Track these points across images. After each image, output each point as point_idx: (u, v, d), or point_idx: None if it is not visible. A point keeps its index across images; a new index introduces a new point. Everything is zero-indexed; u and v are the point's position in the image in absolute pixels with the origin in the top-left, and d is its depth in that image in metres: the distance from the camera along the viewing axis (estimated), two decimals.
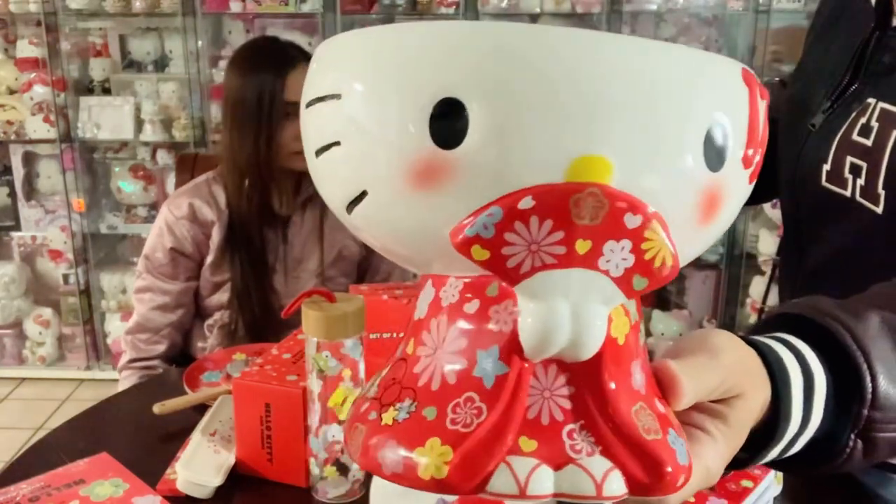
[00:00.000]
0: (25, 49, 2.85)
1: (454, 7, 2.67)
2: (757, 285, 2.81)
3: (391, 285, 1.16)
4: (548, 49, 0.34)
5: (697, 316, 2.96)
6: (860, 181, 0.83)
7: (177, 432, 1.03)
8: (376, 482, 0.86)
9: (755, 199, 1.17)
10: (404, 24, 0.37)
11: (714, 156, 0.37)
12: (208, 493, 0.91)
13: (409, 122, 0.35)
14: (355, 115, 0.38)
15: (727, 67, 0.38)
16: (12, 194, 3.02)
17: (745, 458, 0.52)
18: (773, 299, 1.13)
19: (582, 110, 0.34)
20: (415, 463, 0.37)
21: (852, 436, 0.53)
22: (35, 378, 3.04)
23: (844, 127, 0.86)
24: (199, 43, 2.77)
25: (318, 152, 0.40)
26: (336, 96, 0.38)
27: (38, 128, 2.84)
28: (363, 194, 0.38)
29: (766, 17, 2.63)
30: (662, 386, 0.43)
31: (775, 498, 0.89)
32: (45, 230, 3.00)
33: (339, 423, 0.89)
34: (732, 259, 2.87)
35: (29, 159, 3.00)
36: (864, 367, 0.52)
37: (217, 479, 0.92)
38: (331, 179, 0.41)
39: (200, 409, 1.08)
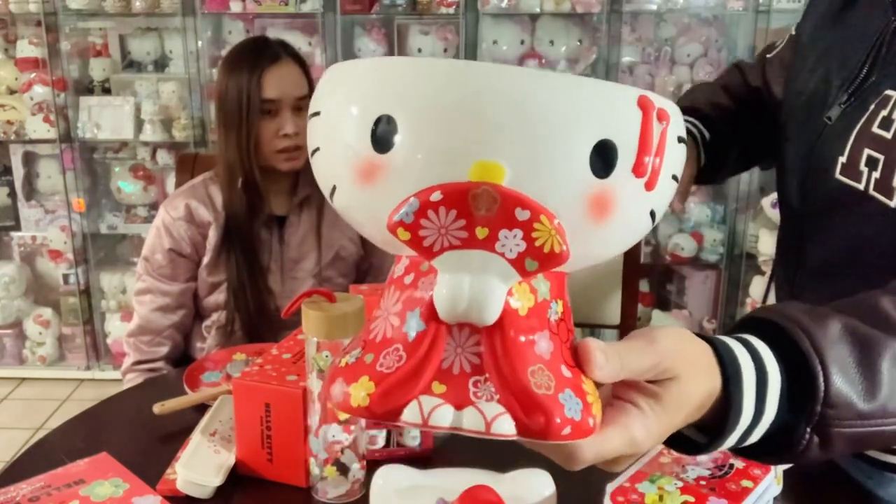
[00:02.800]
0: (25, 49, 2.85)
1: (454, 7, 2.67)
2: (757, 285, 2.81)
3: None
4: (456, 80, 0.44)
5: (697, 316, 2.96)
6: (875, 174, 0.83)
7: (177, 432, 1.03)
8: (376, 482, 0.86)
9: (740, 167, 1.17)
10: (362, 60, 0.49)
11: (601, 166, 0.45)
12: (208, 493, 0.91)
13: (356, 132, 0.46)
14: (326, 128, 0.49)
15: (621, 94, 0.46)
16: (12, 194, 3.02)
17: (704, 444, 0.58)
18: (773, 299, 1.13)
19: (480, 127, 0.44)
20: (349, 395, 0.47)
21: (807, 430, 0.58)
22: (35, 378, 3.04)
23: (863, 119, 0.85)
24: (199, 43, 2.77)
25: (311, 155, 0.52)
26: (318, 114, 0.50)
27: (38, 128, 2.84)
28: (334, 188, 0.50)
29: (766, 17, 2.63)
30: (580, 358, 0.50)
31: (775, 498, 0.89)
32: (45, 230, 3.00)
33: (339, 423, 0.89)
34: (732, 259, 2.87)
35: (29, 159, 3.00)
36: (818, 366, 0.57)
37: (217, 479, 0.92)
38: (318, 177, 0.52)
39: (200, 409, 1.08)
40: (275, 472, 0.95)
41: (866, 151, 0.84)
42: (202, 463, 0.93)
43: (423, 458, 0.99)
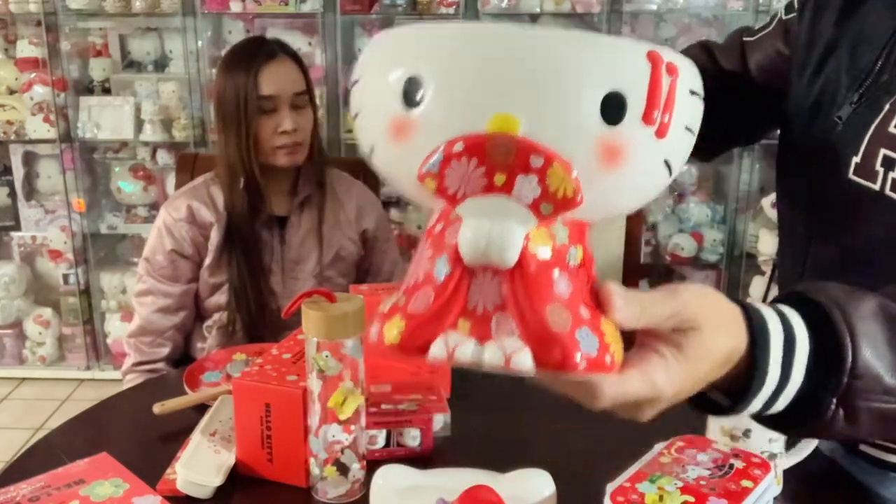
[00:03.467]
0: (25, 49, 2.84)
1: (454, 7, 2.67)
2: (757, 285, 2.81)
3: (391, 285, 1.16)
4: (474, 41, 0.49)
5: None
6: (893, 174, 0.82)
7: (177, 432, 1.03)
8: (376, 482, 0.86)
9: (738, 139, 1.17)
10: (396, 28, 0.52)
11: (612, 114, 0.48)
12: (208, 493, 0.91)
13: (389, 93, 0.50)
14: (364, 93, 0.54)
15: (630, 49, 0.50)
16: (12, 194, 3.02)
17: (728, 406, 0.60)
18: None
19: (496, 83, 0.48)
20: (383, 334, 0.51)
21: (833, 401, 0.59)
22: (35, 378, 3.04)
23: (879, 119, 0.84)
24: (199, 43, 2.77)
25: (353, 120, 0.56)
26: (357, 81, 0.54)
27: (38, 128, 2.84)
28: (373, 148, 0.54)
29: (766, 18, 2.63)
30: (601, 301, 0.54)
31: (775, 498, 0.89)
32: (45, 230, 3.00)
33: (339, 422, 0.89)
34: (732, 259, 2.87)
35: (29, 159, 3.00)
36: (847, 336, 0.58)
37: (217, 479, 0.92)
38: (360, 141, 0.56)
39: (200, 409, 1.08)
40: (275, 472, 0.95)
41: (882, 152, 0.83)
42: (202, 463, 0.93)
43: (423, 458, 0.99)
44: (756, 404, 0.59)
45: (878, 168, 0.83)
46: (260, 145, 1.50)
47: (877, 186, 0.84)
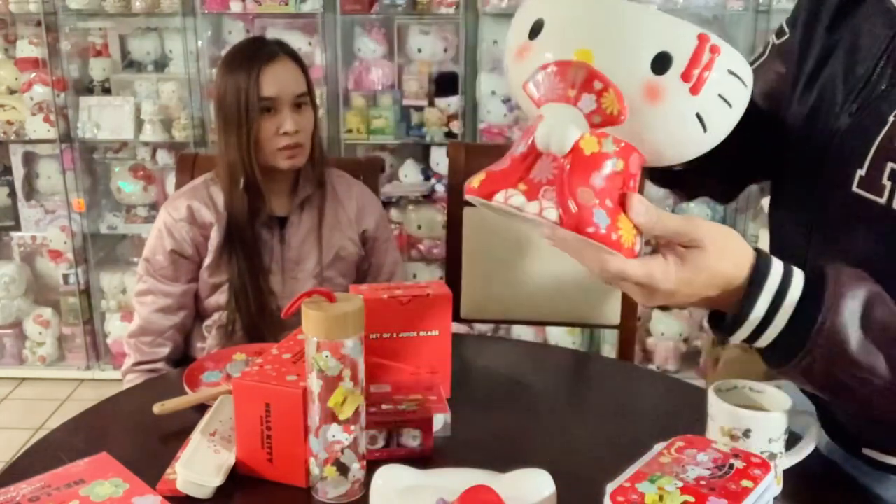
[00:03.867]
0: (25, 49, 2.84)
1: (454, 7, 2.67)
2: None
3: (391, 285, 1.16)
4: (579, 3, 0.71)
5: (697, 316, 2.95)
6: None
7: (177, 432, 1.03)
8: (376, 482, 0.86)
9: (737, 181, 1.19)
10: None
11: (658, 67, 0.67)
12: (208, 493, 0.91)
13: (522, 30, 0.73)
14: (511, 32, 0.76)
15: (685, 28, 0.68)
16: (12, 194, 3.02)
17: (727, 326, 0.76)
18: None
19: (586, 28, 0.69)
20: (471, 180, 0.72)
21: (805, 351, 0.73)
22: (35, 378, 3.04)
23: (884, 132, 0.83)
24: (199, 43, 2.77)
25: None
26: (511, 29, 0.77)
27: (38, 128, 2.83)
28: (507, 67, 0.77)
29: (766, 17, 2.63)
30: (626, 203, 0.72)
31: (775, 498, 0.89)
32: (45, 230, 3.00)
33: (339, 422, 0.89)
34: None
35: (29, 159, 3.00)
36: (828, 303, 0.73)
37: (217, 479, 0.92)
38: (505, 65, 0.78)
39: (200, 409, 1.08)
40: (275, 472, 0.95)
41: (890, 165, 0.82)
42: (202, 463, 0.93)
43: (423, 458, 0.99)
44: (742, 332, 0.75)
45: (885, 181, 0.83)
46: (261, 147, 1.50)
47: (883, 200, 0.83)
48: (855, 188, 0.86)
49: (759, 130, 0.99)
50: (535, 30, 0.71)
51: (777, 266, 0.75)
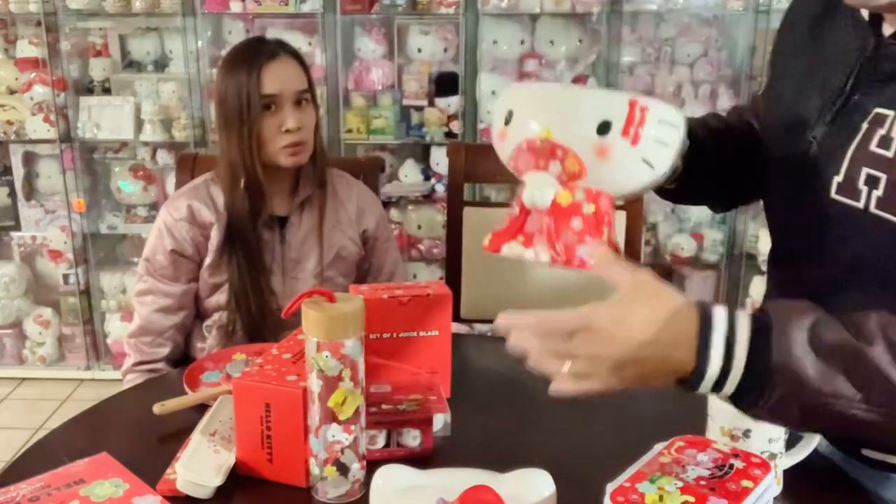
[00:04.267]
0: (25, 49, 2.84)
1: (454, 7, 2.67)
2: (757, 285, 2.81)
3: (391, 285, 1.16)
4: (534, 95, 0.93)
5: None
6: (877, 192, 0.84)
7: (177, 432, 1.03)
8: (376, 482, 0.86)
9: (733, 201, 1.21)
10: (512, 86, 1.00)
11: (602, 131, 0.82)
12: (208, 493, 0.91)
13: (499, 119, 0.90)
14: (494, 117, 0.93)
15: (620, 98, 0.83)
16: (12, 194, 3.02)
17: (689, 385, 0.75)
18: None
19: (543, 114, 0.86)
20: (484, 240, 0.90)
21: (767, 390, 0.72)
22: (35, 378, 3.03)
23: (859, 138, 0.86)
24: (199, 43, 2.76)
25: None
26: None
27: (38, 128, 2.83)
28: (497, 147, 0.92)
29: (766, 17, 2.63)
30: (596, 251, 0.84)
31: (775, 498, 0.89)
32: (45, 230, 3.00)
33: (339, 422, 0.89)
34: (732, 259, 2.87)
35: (29, 159, 3.00)
36: (775, 339, 0.72)
37: (217, 479, 0.92)
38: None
39: (200, 409, 1.08)
40: (275, 472, 0.95)
41: (865, 170, 0.85)
42: (202, 463, 0.93)
43: (423, 458, 0.99)
44: (704, 387, 0.74)
45: (862, 187, 0.85)
46: (263, 145, 1.50)
47: (861, 205, 0.85)
48: (834, 195, 0.88)
49: (743, 156, 1.06)
50: (508, 119, 0.87)
51: (720, 315, 0.74)
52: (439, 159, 2.80)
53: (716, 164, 1.05)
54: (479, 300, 1.75)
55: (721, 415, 0.91)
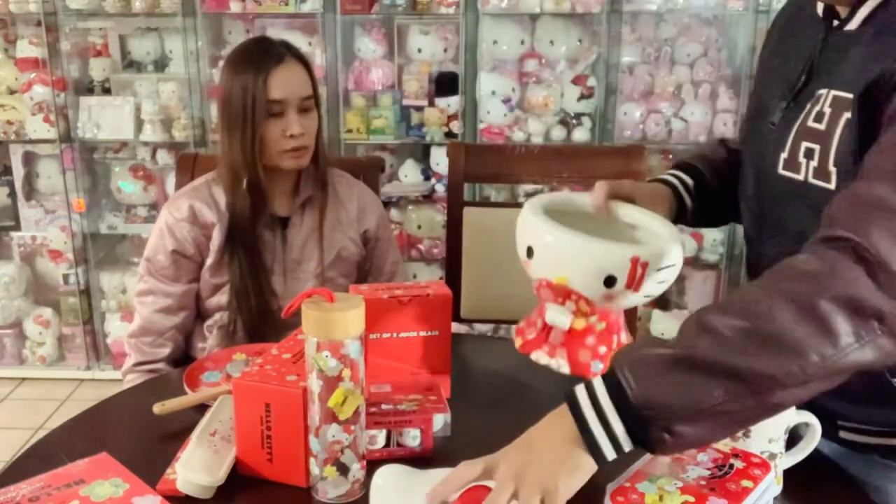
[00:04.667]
0: (25, 49, 2.84)
1: (454, 7, 2.67)
2: None
3: (391, 285, 1.16)
4: (558, 238, 0.98)
5: None
6: (813, 163, 0.91)
7: (177, 432, 1.03)
8: (376, 482, 0.87)
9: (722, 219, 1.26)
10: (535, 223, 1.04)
11: (609, 284, 0.95)
12: (208, 493, 0.91)
13: (522, 248, 1.03)
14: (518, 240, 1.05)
15: (622, 252, 0.94)
16: (12, 194, 3.02)
17: (595, 456, 0.78)
18: None
19: (560, 263, 0.99)
20: (516, 342, 1.08)
21: (652, 432, 0.75)
22: (35, 378, 3.04)
23: (801, 116, 0.94)
24: (199, 43, 2.76)
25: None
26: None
27: (38, 128, 2.83)
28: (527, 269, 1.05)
29: (766, 17, 2.63)
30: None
31: (775, 498, 0.89)
32: (45, 230, 3.00)
33: (339, 422, 0.89)
34: (732, 259, 2.87)
35: (29, 159, 3.00)
36: (626, 382, 0.77)
37: (217, 479, 0.92)
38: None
39: (200, 409, 1.08)
40: (275, 472, 0.95)
41: (803, 144, 0.93)
42: (202, 463, 0.93)
43: (423, 458, 0.99)
44: (609, 454, 0.77)
45: (802, 160, 0.93)
46: (266, 148, 1.50)
47: (801, 177, 0.93)
48: (780, 170, 0.96)
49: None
50: (530, 253, 1.00)
51: (580, 391, 0.79)
52: (439, 159, 2.80)
53: (727, 199, 1.14)
54: (479, 300, 1.75)
55: None
